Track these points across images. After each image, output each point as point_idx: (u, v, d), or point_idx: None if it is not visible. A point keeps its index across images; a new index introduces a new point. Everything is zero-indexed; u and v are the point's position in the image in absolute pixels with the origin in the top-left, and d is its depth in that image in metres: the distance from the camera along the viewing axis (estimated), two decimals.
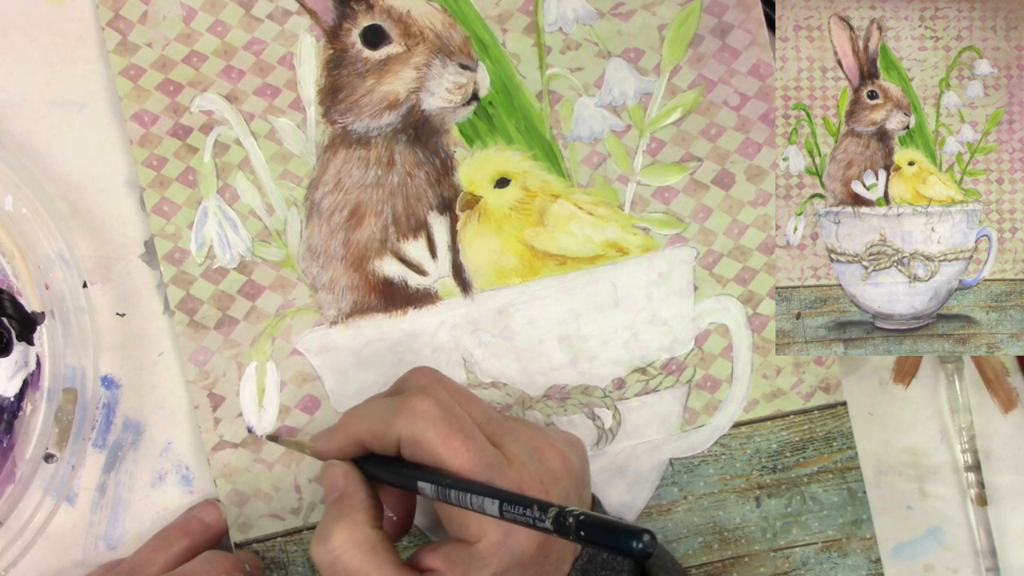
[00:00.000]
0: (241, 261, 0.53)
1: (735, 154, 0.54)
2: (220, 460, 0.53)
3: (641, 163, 0.54)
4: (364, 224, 0.54)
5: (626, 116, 0.54)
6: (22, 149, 0.53)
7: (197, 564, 0.50)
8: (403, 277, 0.54)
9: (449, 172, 0.54)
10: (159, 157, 0.53)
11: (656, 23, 0.54)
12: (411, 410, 0.44)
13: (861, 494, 0.54)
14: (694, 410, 0.54)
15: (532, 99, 0.54)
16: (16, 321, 0.51)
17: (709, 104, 0.54)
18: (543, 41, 0.54)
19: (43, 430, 0.51)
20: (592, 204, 0.54)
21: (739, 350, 0.54)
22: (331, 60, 0.54)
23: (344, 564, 0.43)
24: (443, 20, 0.54)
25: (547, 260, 0.54)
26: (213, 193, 0.53)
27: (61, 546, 0.53)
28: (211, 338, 0.53)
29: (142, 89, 0.53)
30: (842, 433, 0.54)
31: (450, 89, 0.54)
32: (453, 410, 0.44)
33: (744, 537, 0.54)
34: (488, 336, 0.53)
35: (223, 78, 0.53)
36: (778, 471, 0.54)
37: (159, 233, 0.53)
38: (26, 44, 0.54)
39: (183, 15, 0.53)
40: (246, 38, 0.54)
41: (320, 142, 0.54)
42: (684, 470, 0.54)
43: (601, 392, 0.54)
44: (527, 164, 0.54)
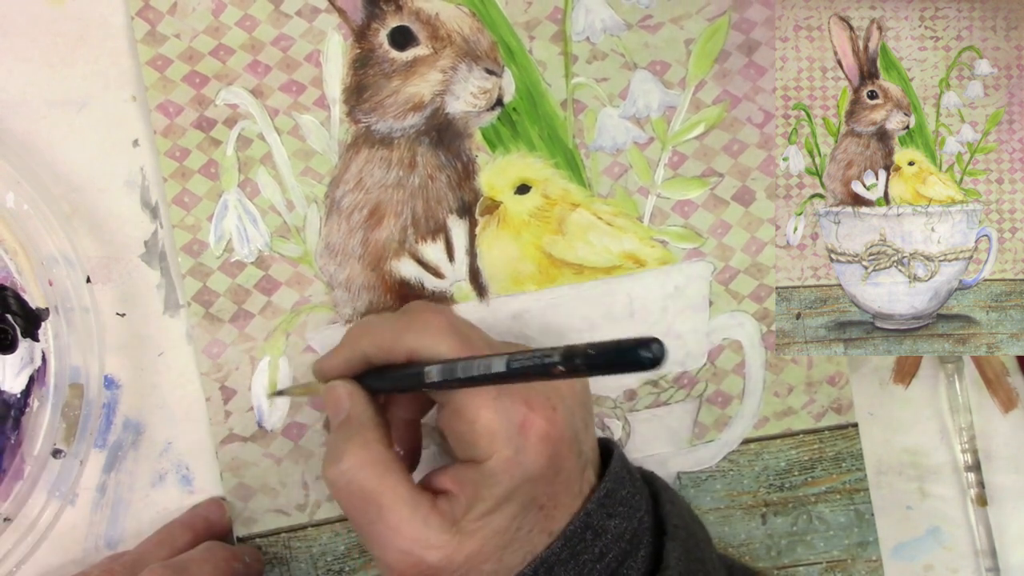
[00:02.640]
0: (259, 256, 0.53)
1: (756, 171, 0.54)
2: (228, 453, 0.53)
3: (662, 176, 0.54)
4: (383, 224, 0.54)
5: (649, 128, 0.54)
6: (23, 148, 0.53)
7: (197, 553, 0.50)
8: (419, 279, 0.54)
9: (470, 176, 0.54)
10: (182, 148, 0.53)
11: (683, 37, 0.54)
12: (425, 324, 0.44)
13: (868, 516, 0.54)
14: (704, 425, 0.54)
15: (556, 107, 0.54)
16: (20, 318, 0.51)
17: (733, 120, 0.54)
18: (570, 50, 0.54)
19: (50, 426, 0.51)
20: (611, 215, 0.54)
21: (752, 367, 0.54)
22: (358, 59, 0.54)
23: (359, 484, 0.42)
24: (471, 24, 0.54)
25: (564, 268, 0.54)
26: (234, 187, 0.53)
27: (61, 546, 0.53)
28: (226, 331, 0.53)
29: (168, 80, 0.53)
30: (852, 454, 0.54)
31: (475, 93, 0.54)
32: (465, 327, 0.44)
33: (749, 554, 0.54)
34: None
35: (249, 72, 0.54)
36: (786, 489, 0.54)
37: (178, 224, 0.53)
38: (26, 44, 0.54)
39: (212, 8, 0.54)
40: (274, 33, 0.54)
41: (343, 140, 0.54)
42: (692, 484, 0.54)
43: (612, 402, 0.54)
44: (548, 172, 0.54)
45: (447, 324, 0.44)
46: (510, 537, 0.43)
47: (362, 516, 0.43)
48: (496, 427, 0.42)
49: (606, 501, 0.44)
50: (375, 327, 0.46)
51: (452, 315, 0.46)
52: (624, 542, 0.44)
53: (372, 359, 0.46)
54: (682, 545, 0.45)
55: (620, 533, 0.44)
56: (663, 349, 0.33)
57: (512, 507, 0.42)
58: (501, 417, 0.42)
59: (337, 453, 0.43)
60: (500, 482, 0.42)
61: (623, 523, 0.44)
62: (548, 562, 0.43)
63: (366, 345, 0.46)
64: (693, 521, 0.47)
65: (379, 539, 0.42)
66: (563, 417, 0.43)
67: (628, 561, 0.44)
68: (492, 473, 0.42)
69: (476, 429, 0.42)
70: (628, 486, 0.45)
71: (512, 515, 0.42)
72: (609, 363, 0.35)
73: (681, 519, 0.46)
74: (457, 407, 0.43)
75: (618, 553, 0.44)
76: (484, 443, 0.42)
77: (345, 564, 0.53)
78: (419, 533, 0.42)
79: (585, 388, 0.46)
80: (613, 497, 0.45)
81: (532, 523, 0.43)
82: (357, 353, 0.46)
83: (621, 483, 0.45)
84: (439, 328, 0.44)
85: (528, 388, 0.43)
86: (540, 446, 0.42)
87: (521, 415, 0.42)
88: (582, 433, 0.45)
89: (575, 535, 0.43)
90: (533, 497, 0.43)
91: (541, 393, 0.43)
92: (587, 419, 0.46)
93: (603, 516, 0.44)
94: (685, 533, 0.45)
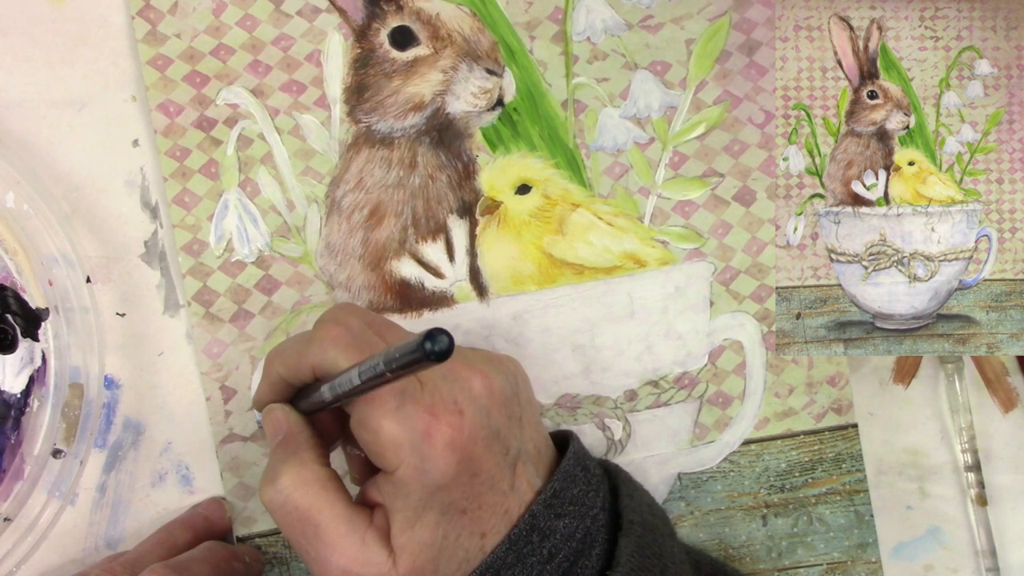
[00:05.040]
0: (259, 255, 0.53)
1: (757, 171, 0.54)
2: (228, 453, 0.53)
3: (663, 176, 0.54)
4: (383, 224, 0.54)
5: (650, 128, 0.54)
6: (23, 148, 0.53)
7: (197, 553, 0.50)
8: (420, 279, 0.54)
9: (471, 176, 0.54)
10: (182, 148, 0.53)
11: (684, 37, 0.54)
12: (321, 339, 0.43)
13: (868, 517, 0.54)
14: (704, 425, 0.54)
15: (557, 107, 0.54)
16: (20, 318, 0.51)
17: (733, 120, 0.54)
18: (570, 50, 0.54)
19: (50, 426, 0.51)
20: (612, 215, 0.54)
21: (752, 368, 0.54)
22: (358, 59, 0.54)
23: (295, 503, 0.42)
24: (472, 24, 0.54)
25: (564, 269, 0.54)
26: (235, 186, 0.53)
27: (61, 546, 0.53)
28: (226, 331, 0.53)
29: (169, 79, 0.53)
30: (852, 455, 0.54)
31: (476, 93, 0.54)
32: (364, 336, 0.43)
33: (749, 555, 0.54)
34: (502, 342, 0.53)
35: (250, 72, 0.53)
36: (786, 490, 0.54)
37: (178, 224, 0.53)
38: (26, 44, 0.54)
39: (213, 7, 0.53)
40: (275, 33, 0.54)
41: (344, 140, 0.54)
42: (692, 485, 0.54)
43: (612, 403, 0.54)
44: (549, 172, 0.54)
45: (345, 335, 0.43)
46: (439, 547, 0.42)
47: (300, 535, 0.43)
48: (399, 437, 0.41)
49: (553, 501, 0.44)
50: (284, 349, 0.45)
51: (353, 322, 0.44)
52: (575, 541, 0.43)
53: (289, 380, 0.45)
54: (636, 541, 0.44)
55: (570, 533, 0.43)
56: (449, 341, 0.34)
57: (431, 516, 0.42)
58: (404, 427, 0.41)
59: (273, 474, 0.43)
60: (411, 492, 0.41)
61: (574, 522, 0.44)
62: (494, 567, 0.43)
63: (279, 367, 0.45)
64: (652, 514, 0.46)
65: (318, 558, 0.42)
66: (473, 419, 0.42)
67: (581, 560, 0.44)
68: (403, 483, 0.41)
69: (380, 440, 0.41)
70: (581, 484, 0.45)
71: (434, 524, 0.42)
72: (399, 361, 0.36)
73: (638, 513, 0.45)
74: (361, 418, 0.42)
75: (569, 553, 0.43)
76: (390, 454, 0.41)
77: None
78: (356, 551, 0.42)
79: (512, 383, 0.45)
80: (561, 496, 0.44)
81: (459, 529, 0.42)
82: (274, 377, 0.45)
83: (572, 481, 0.45)
84: (336, 342, 0.43)
85: (433, 393, 0.42)
86: (446, 453, 0.41)
87: (424, 423, 0.41)
88: (507, 431, 0.43)
89: (520, 537, 0.43)
90: (450, 503, 0.42)
91: (447, 398, 0.42)
92: (519, 415, 0.45)
93: (550, 517, 0.43)
94: (641, 528, 0.45)
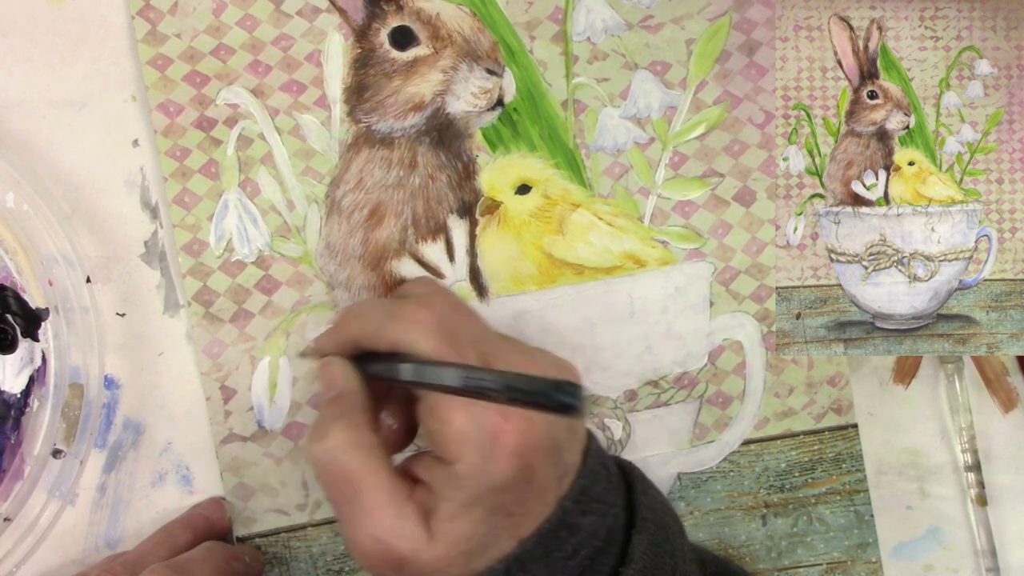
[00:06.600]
0: (259, 255, 0.53)
1: (757, 171, 0.54)
2: (228, 453, 0.53)
3: (663, 176, 0.54)
4: (383, 224, 0.54)
5: (650, 129, 0.54)
6: (23, 148, 0.53)
7: (197, 553, 0.50)
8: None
9: (471, 176, 0.54)
10: (182, 148, 0.53)
11: (684, 37, 0.54)
12: (407, 318, 0.43)
13: (868, 517, 0.54)
14: (704, 425, 0.54)
15: (557, 107, 0.54)
16: (20, 318, 0.51)
17: (734, 120, 0.54)
18: (571, 50, 0.54)
19: (50, 426, 0.51)
20: (612, 215, 0.54)
21: (752, 368, 0.54)
22: (358, 59, 0.54)
23: (341, 464, 0.42)
24: (472, 24, 0.54)
25: (564, 269, 0.54)
26: (235, 186, 0.53)
27: (61, 546, 0.53)
28: (226, 331, 0.53)
29: (169, 79, 0.53)
30: (851, 455, 0.54)
31: (476, 93, 0.54)
32: (449, 325, 0.43)
33: (749, 555, 0.54)
34: None
35: (250, 72, 0.53)
36: (786, 490, 0.54)
37: (179, 224, 0.53)
38: (26, 44, 0.54)
39: (213, 7, 0.53)
40: (275, 33, 0.54)
41: (344, 140, 0.54)
42: (692, 485, 0.54)
43: (612, 403, 0.54)
44: (549, 172, 0.54)
45: (432, 321, 0.43)
46: (477, 542, 0.42)
47: (339, 495, 0.43)
48: (467, 433, 0.41)
49: (581, 498, 0.44)
50: (364, 313, 0.45)
51: (442, 308, 0.44)
52: (598, 539, 0.43)
53: (360, 343, 0.45)
54: (650, 538, 0.44)
55: (594, 530, 0.43)
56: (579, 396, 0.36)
57: (478, 512, 0.42)
58: (474, 424, 0.41)
59: (323, 430, 0.43)
60: (465, 487, 0.41)
61: (598, 520, 0.44)
62: (520, 560, 0.42)
63: (355, 329, 0.45)
64: (665, 512, 0.47)
65: (353, 520, 0.42)
66: (541, 429, 0.42)
67: (600, 557, 0.44)
68: (458, 477, 0.41)
69: (448, 431, 0.42)
70: (603, 482, 0.45)
71: (478, 521, 0.42)
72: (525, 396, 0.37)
73: (651, 511, 0.45)
74: (432, 404, 0.42)
75: (591, 551, 0.43)
76: (454, 446, 0.42)
77: (345, 564, 0.53)
78: (392, 522, 0.42)
79: None
80: (588, 494, 0.44)
81: (500, 529, 0.42)
82: (346, 336, 0.46)
83: (596, 479, 0.45)
84: (422, 325, 0.43)
85: None
86: (510, 458, 0.41)
87: (494, 424, 0.41)
88: (565, 442, 0.44)
89: (549, 533, 0.43)
90: (500, 505, 0.42)
91: None
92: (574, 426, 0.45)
93: (577, 513, 0.43)
94: (654, 525, 0.45)
